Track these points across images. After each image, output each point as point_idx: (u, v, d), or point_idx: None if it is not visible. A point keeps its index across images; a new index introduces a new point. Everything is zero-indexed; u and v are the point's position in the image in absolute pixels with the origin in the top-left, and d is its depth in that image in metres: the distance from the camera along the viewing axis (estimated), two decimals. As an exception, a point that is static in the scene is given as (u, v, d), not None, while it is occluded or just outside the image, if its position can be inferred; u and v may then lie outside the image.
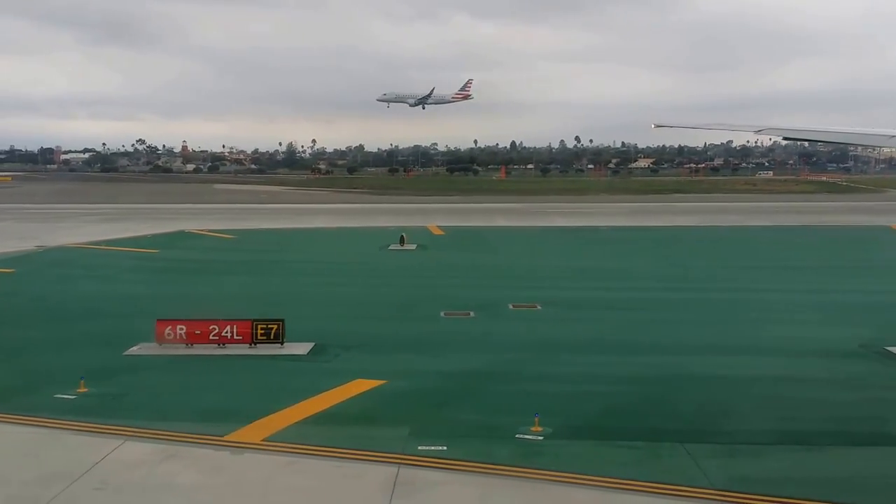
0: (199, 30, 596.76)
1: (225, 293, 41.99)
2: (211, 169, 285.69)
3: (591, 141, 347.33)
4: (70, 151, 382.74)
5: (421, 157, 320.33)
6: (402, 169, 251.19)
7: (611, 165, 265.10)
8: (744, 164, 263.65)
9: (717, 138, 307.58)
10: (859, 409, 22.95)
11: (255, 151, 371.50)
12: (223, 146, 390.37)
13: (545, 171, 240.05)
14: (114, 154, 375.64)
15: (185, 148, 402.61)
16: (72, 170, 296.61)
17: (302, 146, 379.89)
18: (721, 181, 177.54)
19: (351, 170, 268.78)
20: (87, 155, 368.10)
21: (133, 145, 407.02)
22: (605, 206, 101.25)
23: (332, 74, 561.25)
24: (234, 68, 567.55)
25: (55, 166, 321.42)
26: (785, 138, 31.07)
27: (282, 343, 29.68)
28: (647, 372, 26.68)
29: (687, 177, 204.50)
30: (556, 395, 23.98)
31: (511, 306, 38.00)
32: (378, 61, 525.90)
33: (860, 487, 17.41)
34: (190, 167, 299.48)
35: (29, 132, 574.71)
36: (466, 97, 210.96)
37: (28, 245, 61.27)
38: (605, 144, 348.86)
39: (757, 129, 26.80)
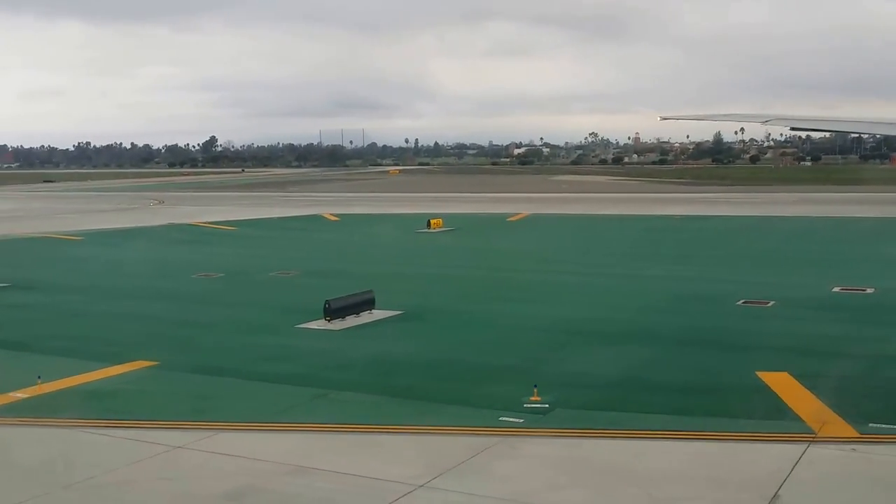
0: (686, 20, 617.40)
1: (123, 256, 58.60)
2: (615, 161, 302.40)
3: None
4: (522, 145, 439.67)
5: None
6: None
7: None
8: None
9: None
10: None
11: (717, 140, 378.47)
12: (686, 137, 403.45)
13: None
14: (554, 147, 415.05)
15: (637, 140, 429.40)
16: (494, 163, 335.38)
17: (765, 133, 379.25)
18: None
19: (754, 159, 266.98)
20: (523, 149, 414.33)
21: (586, 138, 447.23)
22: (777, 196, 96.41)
23: (836, 56, 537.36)
24: (726, 57, 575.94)
25: (508, 159, 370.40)
26: (792, 128, 33.80)
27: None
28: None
29: None
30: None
31: (274, 273, 47.96)
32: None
33: None
34: (635, 158, 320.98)
35: (526, 127, 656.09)
36: None
37: (160, 221, 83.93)
38: None
39: (764, 120, 28.60)
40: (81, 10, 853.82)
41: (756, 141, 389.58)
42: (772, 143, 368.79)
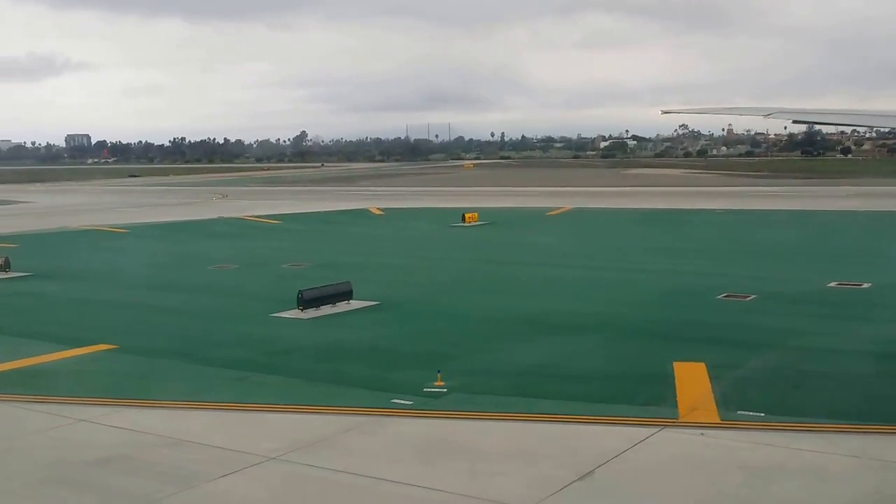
0: (784, 9, 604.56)
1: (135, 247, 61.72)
2: (699, 153, 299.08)
3: None
4: (609, 138, 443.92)
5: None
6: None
7: None
8: None
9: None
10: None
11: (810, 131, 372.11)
12: (784, 128, 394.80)
13: None
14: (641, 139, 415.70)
15: (729, 131, 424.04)
16: (576, 156, 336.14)
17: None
18: None
19: (845, 151, 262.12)
20: (609, 142, 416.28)
21: (675, 130, 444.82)
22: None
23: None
24: (826, 45, 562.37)
25: (592, 152, 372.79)
26: (794, 121, 37.01)
27: None
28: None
29: None
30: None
31: (287, 265, 50.11)
32: None
33: None
34: (723, 150, 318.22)
35: (617, 120, 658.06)
36: None
37: (211, 215, 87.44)
38: None
39: (766, 114, 28.80)
40: (182, 8, 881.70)
41: (857, 132, 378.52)
42: (874, 134, 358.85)
